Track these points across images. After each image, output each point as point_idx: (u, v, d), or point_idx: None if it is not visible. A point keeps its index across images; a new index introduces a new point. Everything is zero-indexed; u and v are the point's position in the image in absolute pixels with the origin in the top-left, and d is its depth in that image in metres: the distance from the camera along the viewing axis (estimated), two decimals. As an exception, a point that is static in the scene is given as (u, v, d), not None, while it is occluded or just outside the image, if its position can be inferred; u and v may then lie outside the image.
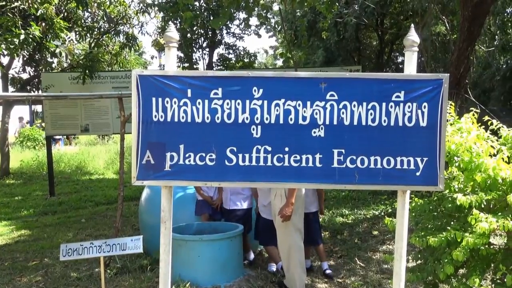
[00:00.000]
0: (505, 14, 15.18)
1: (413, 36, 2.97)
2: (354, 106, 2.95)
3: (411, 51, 2.98)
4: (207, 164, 2.99)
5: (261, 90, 2.96)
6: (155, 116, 2.97)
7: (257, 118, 2.97)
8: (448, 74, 2.98)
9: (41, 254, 7.19)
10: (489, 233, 3.14)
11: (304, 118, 2.96)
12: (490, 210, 3.43)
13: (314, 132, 2.97)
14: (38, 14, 8.91)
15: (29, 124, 21.54)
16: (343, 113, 2.96)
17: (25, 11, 9.25)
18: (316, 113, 2.96)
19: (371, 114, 2.95)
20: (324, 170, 2.97)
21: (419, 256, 3.91)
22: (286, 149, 2.98)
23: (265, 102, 2.96)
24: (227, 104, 2.96)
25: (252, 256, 6.12)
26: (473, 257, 3.31)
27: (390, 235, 7.33)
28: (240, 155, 2.98)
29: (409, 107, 2.94)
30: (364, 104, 2.95)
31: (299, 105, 2.96)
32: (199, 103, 2.96)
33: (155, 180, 3.01)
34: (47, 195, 11.21)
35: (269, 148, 2.98)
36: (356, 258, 6.32)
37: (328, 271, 5.68)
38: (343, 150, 2.97)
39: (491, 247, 3.51)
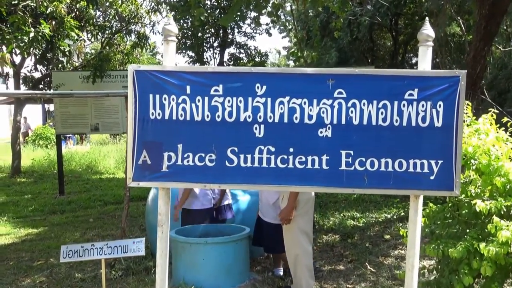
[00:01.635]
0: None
1: (427, 30, 2.75)
2: (364, 104, 2.74)
3: (425, 46, 2.76)
4: (207, 165, 2.80)
5: (264, 87, 2.76)
6: (152, 114, 2.79)
7: (260, 117, 2.77)
8: (465, 71, 2.75)
9: (47, 254, 7.09)
10: (511, 242, 2.91)
11: (310, 117, 2.76)
12: (509, 216, 3.20)
13: (321, 132, 2.76)
14: (47, 12, 8.82)
15: (31, 125, 21.59)
16: (352, 112, 2.75)
17: (36, 10, 9.16)
18: (323, 112, 2.75)
19: (382, 113, 2.74)
20: (331, 173, 2.77)
21: (438, 268, 3.67)
22: (291, 149, 2.78)
23: (269, 99, 2.77)
24: (228, 101, 2.77)
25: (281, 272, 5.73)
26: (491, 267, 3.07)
27: (402, 240, 7.08)
28: (242, 156, 2.79)
29: (423, 106, 2.73)
30: (375, 102, 2.74)
31: (305, 103, 2.76)
32: (198, 100, 2.78)
33: (152, 181, 2.84)
34: (57, 193, 11.13)
35: (273, 149, 2.78)
36: (367, 263, 6.09)
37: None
38: (351, 152, 2.76)
39: (508, 255, 3.26)
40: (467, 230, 3.46)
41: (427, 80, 2.72)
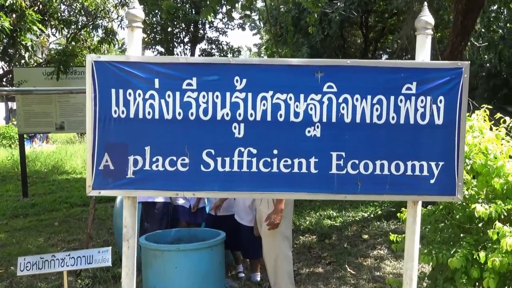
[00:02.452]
0: (491, 11, 14.85)
1: (426, 16, 2.44)
2: (357, 100, 2.41)
3: (424, 34, 2.45)
4: (179, 170, 2.43)
5: (244, 81, 2.40)
6: (115, 112, 2.40)
7: (239, 114, 2.41)
8: (468, 62, 2.46)
9: (8, 262, 6.60)
10: (516, 249, 2.63)
11: (296, 115, 2.41)
12: (510, 221, 2.92)
13: (309, 132, 2.42)
14: (7, 4, 8.22)
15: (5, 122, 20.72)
16: (343, 108, 2.42)
17: (-5, 3, 8.54)
18: (311, 108, 2.41)
19: (377, 109, 2.42)
20: (320, 177, 2.43)
21: (431, 275, 3.39)
22: (275, 151, 2.43)
23: (250, 94, 2.41)
24: (203, 97, 2.40)
25: (241, 268, 5.51)
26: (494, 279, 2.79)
27: (381, 239, 6.87)
28: (219, 159, 2.43)
29: (422, 101, 2.42)
30: (369, 97, 2.41)
31: (290, 98, 2.41)
32: (168, 95, 2.40)
33: (115, 189, 2.45)
34: (20, 196, 10.51)
35: (254, 151, 2.43)
36: (346, 265, 5.84)
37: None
38: (343, 153, 2.43)
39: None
40: (461, 235, 3.18)
41: (426, 73, 2.41)
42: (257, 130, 2.42)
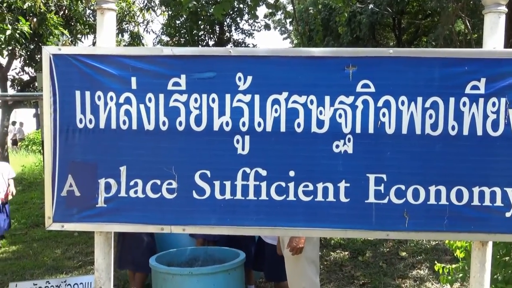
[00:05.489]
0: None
1: (498, -12, 1.74)
2: (403, 103, 1.74)
3: (495, 13, 1.75)
4: (164, 197, 1.80)
5: (249, 78, 1.76)
6: (81, 121, 1.80)
7: (243, 124, 1.77)
8: (557, 51, 1.74)
9: (20, 277, 6.19)
10: None
11: (320, 124, 1.76)
12: None
13: (337, 147, 1.76)
14: (25, 8, 7.85)
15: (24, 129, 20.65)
16: (384, 115, 1.75)
17: (13, 6, 8.19)
18: (340, 116, 1.75)
19: (430, 116, 1.74)
20: (353, 208, 1.77)
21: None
22: (291, 173, 1.77)
23: (257, 97, 1.77)
24: (195, 100, 1.77)
25: None
26: None
27: (421, 257, 6.10)
28: (217, 184, 1.79)
29: (493, 104, 1.73)
30: (419, 100, 1.74)
31: (311, 102, 1.76)
32: (149, 99, 1.78)
33: (82, 222, 1.85)
34: (43, 203, 10.13)
35: (264, 172, 1.78)
36: (382, 287, 5.10)
37: None
38: (384, 176, 1.76)
39: None
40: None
41: (499, 65, 1.72)
42: (267, 144, 1.77)
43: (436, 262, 3.02)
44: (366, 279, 5.45)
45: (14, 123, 20.46)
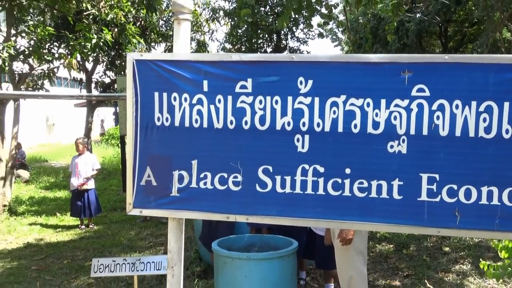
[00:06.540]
0: None
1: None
2: (457, 107, 1.65)
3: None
4: (230, 189, 1.81)
5: (310, 82, 1.73)
6: (159, 119, 1.83)
7: (303, 124, 1.75)
8: None
9: (100, 253, 6.47)
10: None
11: (376, 125, 1.70)
12: None
13: (392, 147, 1.70)
14: (108, 19, 8.17)
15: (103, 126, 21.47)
16: (438, 117, 1.67)
17: (98, 18, 8.55)
18: (395, 118, 1.69)
19: (484, 120, 1.64)
20: (405, 205, 1.70)
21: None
22: (347, 171, 1.73)
23: (316, 99, 1.73)
24: (260, 102, 1.77)
25: (304, 275, 4.87)
26: None
27: (463, 253, 5.83)
28: (278, 178, 1.78)
29: (548, 109, 1.60)
30: (473, 104, 1.64)
31: (368, 104, 1.70)
32: (219, 100, 1.79)
33: (158, 208, 1.88)
34: (120, 190, 10.54)
35: (321, 169, 1.75)
36: (425, 280, 4.92)
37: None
38: (436, 176, 1.68)
39: None
40: None
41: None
42: (325, 143, 1.74)
43: (480, 259, 2.85)
44: (410, 271, 5.27)
45: (102, 121, 21.36)
